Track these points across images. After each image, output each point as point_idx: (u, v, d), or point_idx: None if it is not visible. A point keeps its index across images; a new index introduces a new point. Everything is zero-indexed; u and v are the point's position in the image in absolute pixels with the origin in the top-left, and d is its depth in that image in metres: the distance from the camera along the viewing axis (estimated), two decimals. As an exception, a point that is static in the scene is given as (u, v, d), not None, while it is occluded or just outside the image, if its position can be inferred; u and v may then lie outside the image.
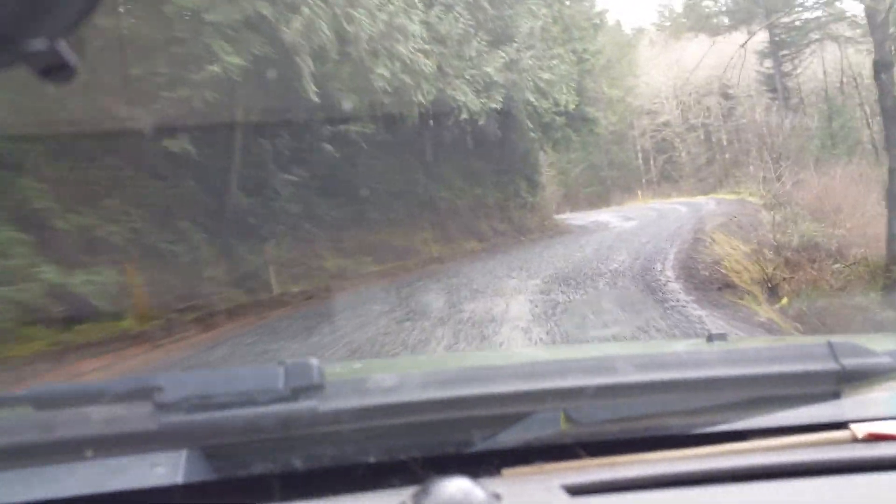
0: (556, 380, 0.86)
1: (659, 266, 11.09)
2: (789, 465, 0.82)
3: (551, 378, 0.87)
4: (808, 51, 32.78)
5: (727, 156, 42.96)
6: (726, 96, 42.50)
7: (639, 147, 47.05)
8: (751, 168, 38.00)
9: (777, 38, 30.83)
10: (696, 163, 43.30)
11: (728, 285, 9.68)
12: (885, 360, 0.92)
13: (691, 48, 47.97)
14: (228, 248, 10.91)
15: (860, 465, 0.83)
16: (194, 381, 0.81)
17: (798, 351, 0.97)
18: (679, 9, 51.11)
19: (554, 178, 49.49)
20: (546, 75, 16.97)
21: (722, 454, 0.86)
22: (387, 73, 10.94)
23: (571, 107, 19.63)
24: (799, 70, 31.64)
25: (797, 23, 31.27)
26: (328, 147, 11.25)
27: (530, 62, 15.80)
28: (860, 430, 0.88)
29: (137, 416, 0.77)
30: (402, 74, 11.69)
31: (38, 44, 0.56)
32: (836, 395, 0.94)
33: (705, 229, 17.34)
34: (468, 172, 19.35)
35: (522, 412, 0.87)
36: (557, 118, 19.96)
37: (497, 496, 0.72)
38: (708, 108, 43.49)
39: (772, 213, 20.34)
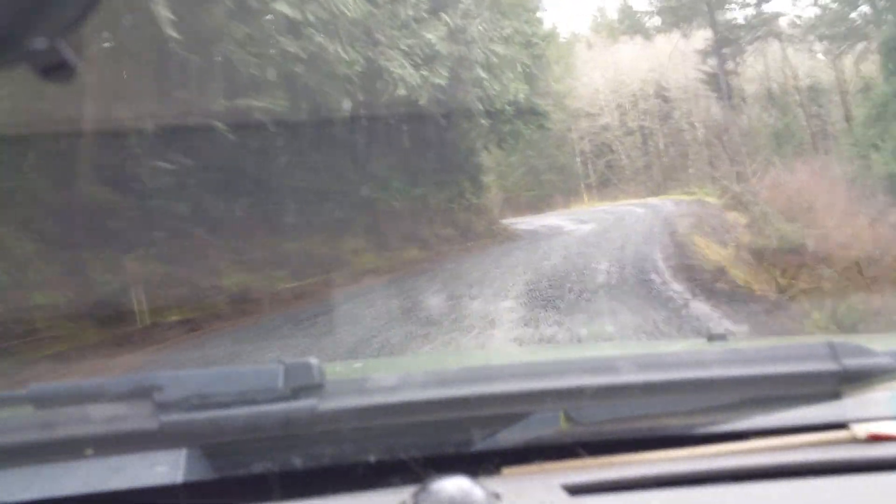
0: (557, 379, 0.86)
1: (657, 278, 8.63)
2: (790, 465, 0.82)
3: (551, 378, 0.86)
4: (750, 49, 31.65)
5: (664, 159, 41.85)
6: (664, 98, 41.43)
7: (578, 150, 45.46)
8: (691, 170, 37.46)
9: (720, 36, 29.45)
10: (636, 165, 41.96)
11: (753, 299, 7.41)
12: (885, 360, 0.89)
13: (627, 51, 47.35)
14: (76, 262, 7.71)
15: (861, 465, 0.82)
16: (194, 380, 0.80)
17: (798, 351, 0.95)
18: (613, 14, 50.09)
19: (494, 182, 47.48)
20: (499, 48, 14.38)
21: (722, 454, 0.85)
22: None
23: (521, 96, 17.19)
24: (741, 69, 30.41)
25: (740, 20, 30.02)
26: (219, 126, 8.34)
27: (480, 29, 13.16)
28: (861, 430, 0.87)
29: (137, 415, 0.76)
30: (318, 36, 8.85)
31: (39, 43, 0.56)
32: (836, 396, 0.91)
33: (678, 231, 15.28)
34: (407, 169, 16.52)
35: (523, 412, 0.86)
36: (508, 107, 17.45)
37: (497, 495, 0.71)
38: (645, 111, 42.31)
39: (740, 213, 18.87)
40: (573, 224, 20.31)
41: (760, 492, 0.78)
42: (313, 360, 0.80)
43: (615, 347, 3.06)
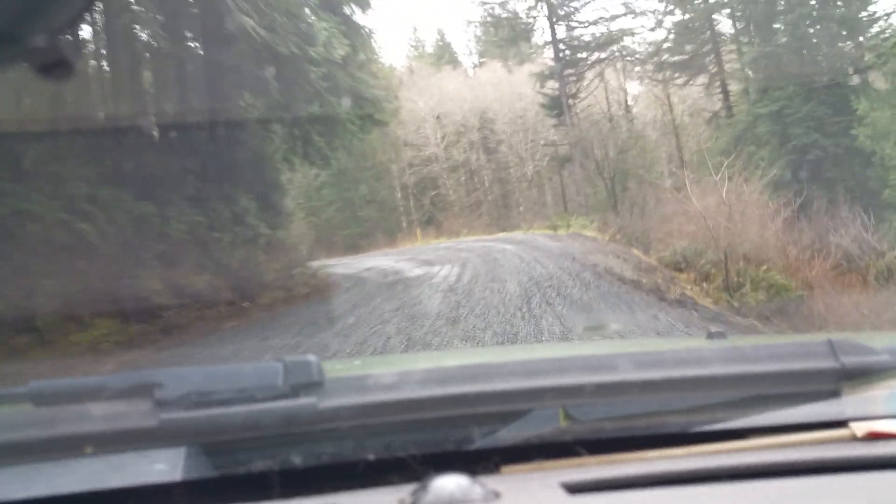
0: (556, 377, 0.84)
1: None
2: (789, 463, 0.80)
3: (551, 375, 0.85)
4: (591, 74, 27.97)
5: (492, 196, 37.31)
6: (492, 130, 37.10)
7: (401, 184, 39.49)
8: (522, 208, 33.35)
9: (563, 58, 25.27)
10: (464, 202, 36.85)
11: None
12: (884, 358, 0.88)
13: (452, 80, 42.96)
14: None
15: (860, 463, 0.80)
16: (194, 377, 0.79)
17: (798, 349, 0.93)
18: (430, 48, 45.62)
19: (303, 221, 39.66)
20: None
21: (722, 452, 0.84)
22: None
23: (341, 52, 10.39)
24: (583, 93, 26.59)
25: (581, 40, 26.04)
26: None
27: None
28: (860, 428, 0.86)
29: (137, 413, 0.75)
30: None
31: (39, 40, 0.55)
32: (835, 394, 0.90)
33: (614, 271, 9.38)
34: (129, 173, 8.84)
35: (522, 410, 0.85)
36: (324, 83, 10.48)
37: (496, 494, 0.70)
38: (472, 144, 37.61)
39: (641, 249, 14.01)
40: (418, 267, 13.61)
41: (760, 490, 0.76)
42: (312, 358, 0.79)
43: (614, 345, 2.78)
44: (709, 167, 13.61)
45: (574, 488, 0.75)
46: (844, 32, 19.08)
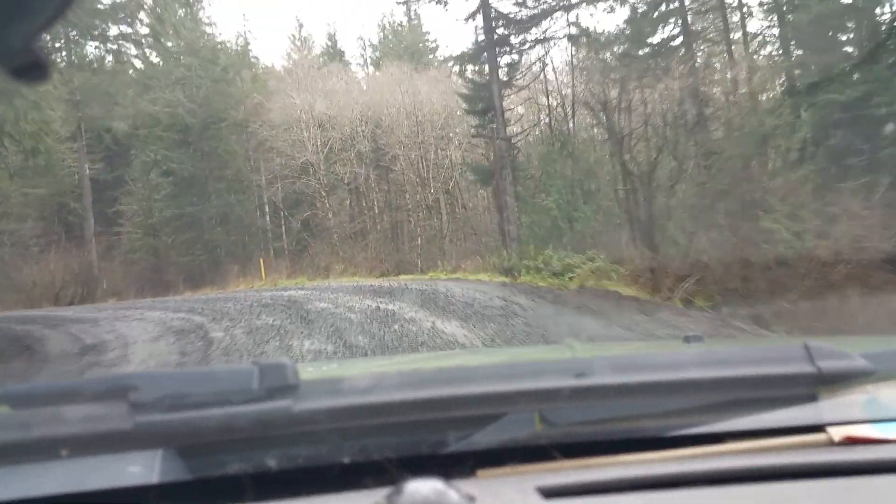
0: (532, 381, 0.82)
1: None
2: (766, 467, 0.79)
3: (527, 379, 0.82)
4: (529, 58, 20.43)
5: (385, 221, 28.95)
6: (385, 143, 28.93)
7: (266, 199, 30.18)
8: (411, 245, 24.63)
9: (499, 35, 17.54)
10: (346, 229, 28.16)
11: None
12: (860, 363, 0.86)
13: (347, 80, 34.59)
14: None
15: (837, 468, 0.79)
16: (169, 380, 0.77)
17: (774, 353, 0.92)
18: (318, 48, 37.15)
19: (139, 242, 29.31)
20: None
21: (698, 457, 0.82)
22: None
23: None
24: (519, 79, 18.91)
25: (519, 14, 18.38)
26: None
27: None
28: (837, 433, 0.85)
29: (113, 416, 0.73)
30: None
31: (14, 42, 0.53)
32: (812, 398, 0.89)
33: None
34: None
35: (497, 413, 0.82)
36: None
37: (471, 497, 0.68)
38: (360, 155, 29.18)
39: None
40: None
41: (736, 495, 0.74)
42: (288, 361, 0.78)
43: (591, 349, 2.69)
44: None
45: (549, 492, 0.73)
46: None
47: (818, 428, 0.85)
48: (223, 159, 29.02)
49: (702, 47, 16.81)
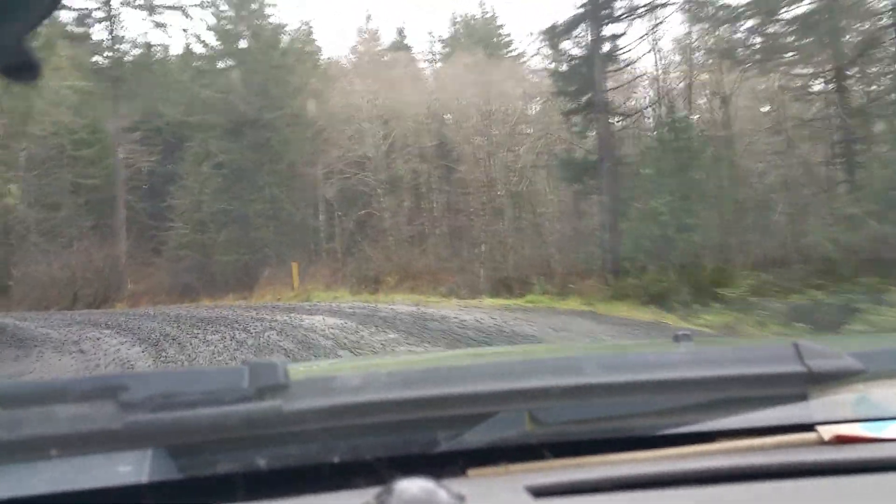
0: (522, 380, 0.82)
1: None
2: (756, 467, 0.78)
3: (517, 378, 0.82)
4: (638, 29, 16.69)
5: (444, 224, 25.72)
6: (452, 141, 25.70)
7: (319, 196, 27.41)
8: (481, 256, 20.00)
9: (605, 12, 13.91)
10: (403, 232, 25.02)
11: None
12: (850, 362, 0.86)
13: (414, 72, 31.72)
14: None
15: (827, 467, 0.78)
16: (159, 380, 0.77)
17: (764, 352, 0.92)
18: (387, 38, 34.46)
19: (187, 237, 27.03)
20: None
21: (688, 456, 0.81)
22: None
23: None
24: (625, 53, 15.20)
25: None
26: None
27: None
28: (827, 432, 0.84)
29: (102, 415, 0.72)
30: None
31: (5, 41, 0.53)
32: (802, 397, 0.88)
33: None
34: None
35: (488, 412, 0.81)
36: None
37: (461, 497, 0.68)
38: (423, 152, 26.07)
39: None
40: None
41: (726, 494, 0.74)
42: (278, 361, 0.77)
43: (581, 348, 2.72)
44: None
45: (540, 492, 0.73)
46: None
47: (808, 427, 0.84)
48: (276, 151, 26.38)
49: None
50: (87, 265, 16.46)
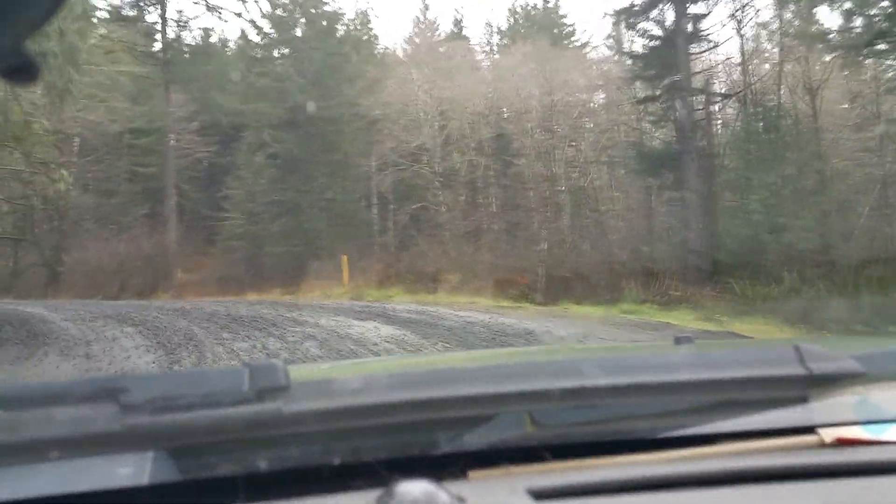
0: (522, 382, 0.82)
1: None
2: (756, 469, 0.78)
3: (517, 380, 0.82)
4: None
5: (500, 218, 24.37)
6: (510, 133, 24.40)
7: (373, 188, 26.56)
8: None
9: None
10: (458, 227, 23.82)
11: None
12: (851, 365, 0.85)
13: (472, 61, 30.56)
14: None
15: (829, 470, 0.78)
16: (159, 382, 0.78)
17: (765, 355, 0.91)
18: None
19: (241, 228, 26.62)
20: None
21: (689, 458, 0.81)
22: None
23: None
24: (712, 31, 13.32)
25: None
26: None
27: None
28: (828, 434, 0.83)
29: (102, 417, 0.72)
30: None
31: (3, 44, 0.53)
32: (803, 400, 0.87)
33: None
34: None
35: (488, 414, 0.81)
36: None
37: (462, 499, 0.68)
38: (481, 143, 24.84)
39: None
40: None
41: (728, 496, 0.73)
42: (278, 363, 0.77)
43: (582, 351, 2.60)
44: None
45: (540, 494, 0.73)
46: None
47: (809, 429, 0.84)
48: (331, 141, 25.63)
49: None
50: (136, 253, 15.97)
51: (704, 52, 13.22)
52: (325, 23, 26.39)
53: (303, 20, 25.92)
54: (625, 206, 22.06)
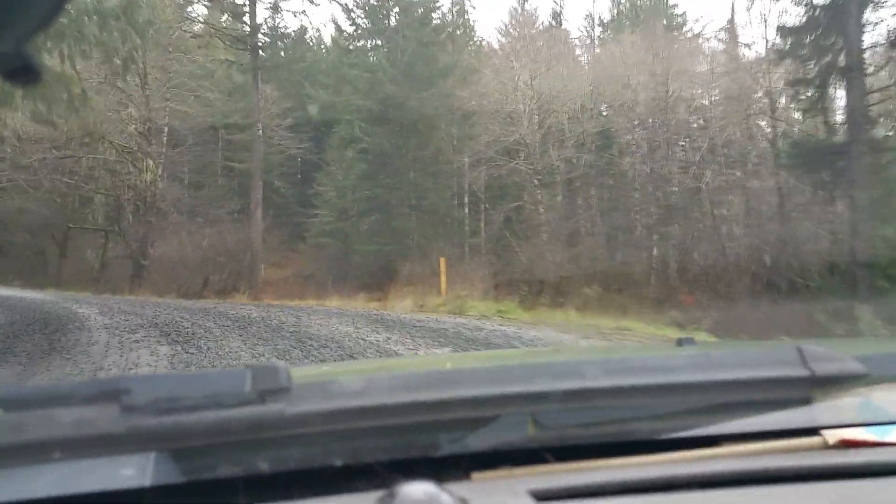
0: (524, 384, 0.82)
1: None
2: (760, 471, 0.78)
3: (519, 382, 0.82)
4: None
5: (601, 220, 22.05)
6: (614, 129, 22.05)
7: (466, 186, 24.88)
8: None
9: None
10: (556, 229, 21.69)
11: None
12: (854, 366, 0.85)
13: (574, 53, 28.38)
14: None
15: (832, 471, 0.78)
16: (162, 383, 0.78)
17: (768, 356, 0.90)
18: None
19: (330, 226, 25.77)
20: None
21: (692, 460, 0.81)
22: None
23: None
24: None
25: None
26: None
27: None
28: (831, 436, 0.84)
29: (105, 419, 0.72)
30: None
31: (5, 45, 0.53)
32: (806, 401, 0.88)
33: None
34: None
35: (490, 416, 0.82)
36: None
37: (464, 501, 0.68)
38: (581, 139, 22.65)
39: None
40: None
41: (731, 499, 0.74)
42: (280, 364, 0.77)
43: (583, 353, 2.58)
44: None
45: (542, 495, 0.73)
46: None
47: (812, 431, 0.84)
48: (423, 136, 24.19)
49: None
50: (220, 248, 15.05)
51: (880, 23, 10.55)
52: (419, 11, 24.97)
53: (396, 8, 24.59)
54: (755, 208, 19.32)
